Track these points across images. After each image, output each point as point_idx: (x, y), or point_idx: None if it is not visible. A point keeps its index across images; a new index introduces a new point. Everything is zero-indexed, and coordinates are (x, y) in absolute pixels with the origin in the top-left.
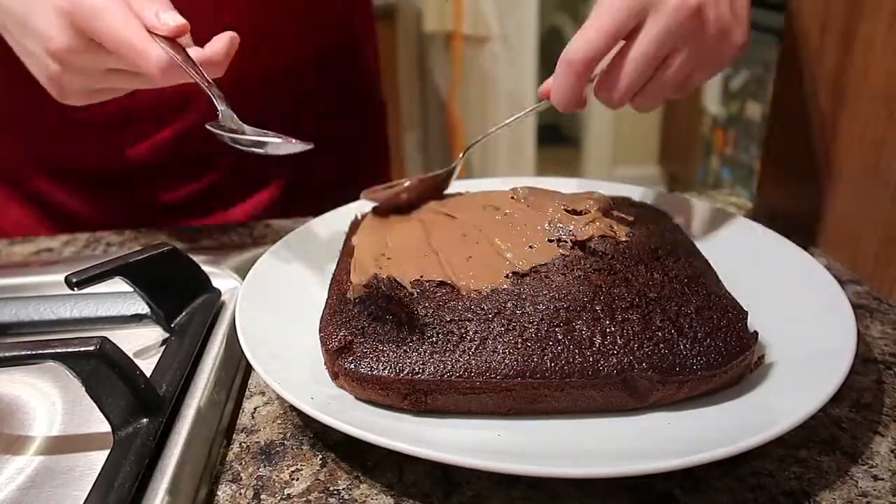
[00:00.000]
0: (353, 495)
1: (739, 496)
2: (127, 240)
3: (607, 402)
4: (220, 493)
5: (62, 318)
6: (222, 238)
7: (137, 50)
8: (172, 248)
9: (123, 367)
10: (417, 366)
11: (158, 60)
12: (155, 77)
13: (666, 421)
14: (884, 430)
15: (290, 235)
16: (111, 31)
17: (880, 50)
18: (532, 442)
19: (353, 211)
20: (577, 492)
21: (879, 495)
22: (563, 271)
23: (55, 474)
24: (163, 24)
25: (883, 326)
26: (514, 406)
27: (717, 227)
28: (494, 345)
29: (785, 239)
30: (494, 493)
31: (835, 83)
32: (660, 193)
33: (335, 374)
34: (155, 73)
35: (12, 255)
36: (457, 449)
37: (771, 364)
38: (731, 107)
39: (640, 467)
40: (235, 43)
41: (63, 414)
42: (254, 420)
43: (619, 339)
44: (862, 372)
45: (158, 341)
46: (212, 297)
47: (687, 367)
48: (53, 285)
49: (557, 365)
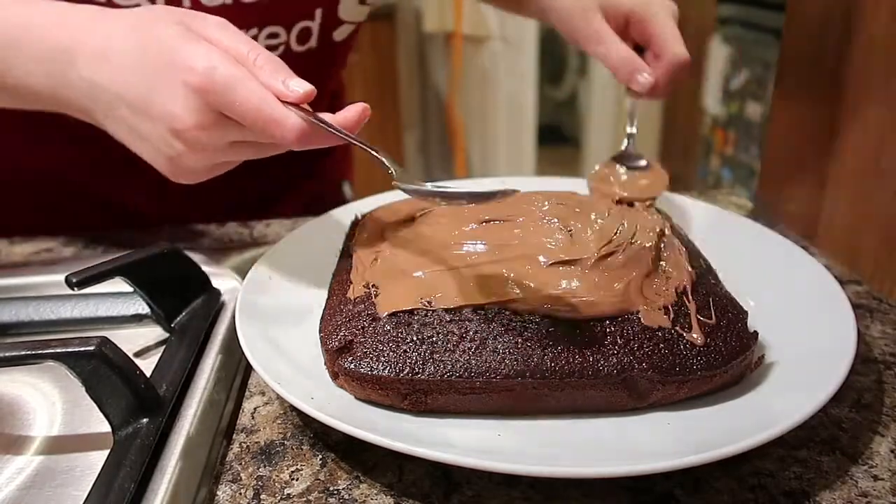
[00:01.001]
0: (353, 495)
1: (739, 496)
2: (127, 240)
3: (607, 402)
4: (220, 493)
5: (62, 318)
6: (222, 238)
7: (275, 119)
8: (172, 248)
9: (123, 367)
10: (417, 366)
11: (294, 127)
12: (292, 143)
13: (666, 421)
14: (884, 430)
15: (290, 235)
16: (246, 105)
17: (880, 50)
18: (532, 442)
19: (353, 211)
20: (577, 492)
21: (879, 495)
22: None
23: (55, 474)
24: (292, 91)
25: (883, 326)
26: (514, 406)
27: (717, 227)
28: (494, 345)
29: (785, 239)
30: (494, 493)
31: (835, 83)
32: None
33: (335, 374)
34: (292, 140)
35: (12, 255)
36: (457, 449)
37: (771, 364)
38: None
39: (640, 467)
40: (367, 114)
41: (63, 414)
42: (254, 420)
43: (619, 339)
44: (862, 372)
45: (158, 341)
46: (212, 297)
47: (687, 367)
48: (53, 285)
49: (557, 365)
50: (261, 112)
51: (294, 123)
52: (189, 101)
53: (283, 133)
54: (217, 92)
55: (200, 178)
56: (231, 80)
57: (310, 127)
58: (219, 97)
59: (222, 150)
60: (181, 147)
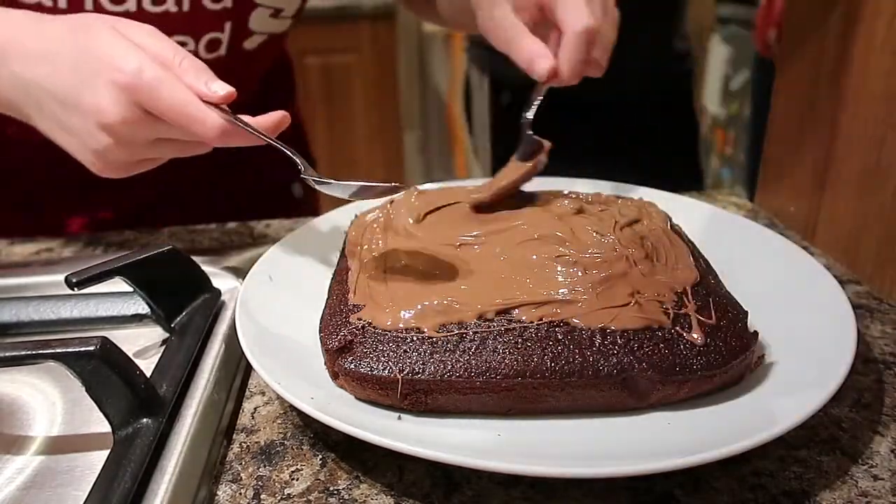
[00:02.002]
0: (353, 495)
1: (739, 496)
2: (127, 240)
3: (607, 402)
4: (220, 493)
5: (62, 318)
6: (222, 238)
7: (196, 118)
8: (172, 248)
9: (123, 367)
10: (417, 366)
11: (214, 124)
12: (213, 140)
13: (666, 421)
14: (884, 430)
15: (290, 235)
16: (170, 103)
17: (880, 50)
18: (532, 442)
19: (353, 211)
20: (577, 492)
21: (879, 495)
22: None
23: (55, 474)
24: (213, 92)
25: (883, 326)
26: (514, 406)
27: (717, 227)
28: (494, 345)
29: (785, 239)
30: (494, 493)
31: (835, 83)
32: (660, 193)
33: (335, 374)
34: (212, 137)
35: (12, 255)
36: (457, 449)
37: (771, 364)
38: (731, 107)
39: (640, 467)
40: (286, 121)
41: (63, 414)
42: (254, 420)
43: (619, 339)
44: (862, 372)
45: (158, 341)
46: (212, 297)
47: (687, 367)
48: (53, 285)
49: (557, 365)
50: (184, 110)
51: (214, 121)
52: (117, 98)
53: (203, 130)
54: (143, 90)
55: (125, 173)
56: (157, 80)
57: (229, 126)
58: (145, 95)
59: (146, 146)
60: (107, 140)
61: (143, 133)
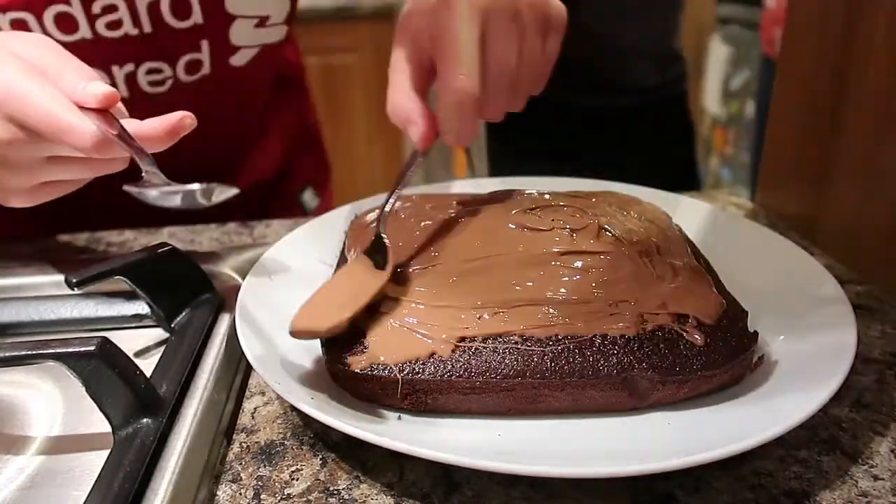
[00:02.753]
0: (353, 495)
1: (739, 496)
2: (127, 240)
3: (607, 402)
4: (220, 493)
5: (62, 318)
6: (222, 238)
7: (65, 127)
8: (172, 248)
9: (123, 367)
10: (417, 366)
11: (87, 134)
12: (89, 151)
13: (666, 421)
14: (884, 430)
15: (290, 235)
16: (38, 112)
17: (880, 48)
18: (532, 442)
19: (353, 211)
20: (577, 492)
21: (879, 495)
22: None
23: (55, 474)
24: (90, 95)
25: (883, 326)
26: (514, 406)
27: (717, 227)
28: (494, 345)
29: (785, 239)
30: (494, 493)
31: (835, 82)
32: (660, 193)
33: (335, 374)
34: (87, 148)
35: (12, 255)
36: (457, 449)
37: (771, 364)
38: (731, 107)
39: (640, 467)
40: (185, 124)
41: (63, 414)
42: (254, 420)
43: (619, 339)
44: (862, 372)
45: (158, 341)
46: (212, 297)
47: (687, 367)
48: (53, 285)
49: (557, 365)
50: (52, 119)
51: (87, 130)
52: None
53: (77, 140)
54: (12, 103)
55: (29, 201)
56: (26, 90)
57: (104, 136)
58: (13, 108)
59: (40, 167)
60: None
61: (27, 153)
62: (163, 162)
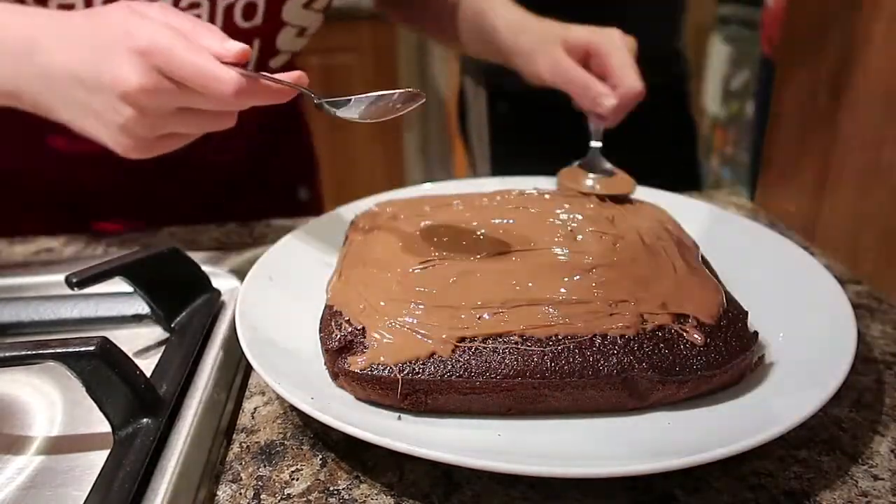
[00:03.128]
0: (353, 495)
1: (739, 496)
2: (127, 240)
3: (607, 402)
4: (220, 493)
5: (62, 318)
6: (222, 238)
7: (213, 74)
8: (172, 248)
9: (123, 367)
10: (417, 366)
11: (233, 81)
12: (231, 96)
13: (666, 421)
14: (884, 430)
15: (290, 235)
16: (186, 62)
17: (880, 49)
18: (532, 442)
19: (352, 211)
20: (577, 492)
21: (879, 495)
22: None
23: (55, 474)
24: (228, 49)
25: (883, 326)
26: (514, 406)
27: (717, 227)
28: (494, 345)
29: (785, 239)
30: (494, 493)
31: (835, 83)
32: (660, 193)
33: (335, 374)
34: (231, 93)
35: (12, 255)
36: (457, 449)
37: (771, 364)
38: (731, 107)
39: (640, 467)
40: (304, 81)
41: (63, 414)
42: (254, 420)
43: (619, 339)
44: (862, 372)
45: (158, 341)
46: (212, 297)
47: (687, 367)
48: (53, 285)
49: (557, 365)
50: (200, 68)
51: (232, 77)
52: (134, 64)
53: (221, 87)
54: (159, 53)
55: (152, 152)
56: (172, 43)
57: (247, 82)
58: (161, 58)
59: (170, 117)
60: (130, 112)
61: (164, 101)
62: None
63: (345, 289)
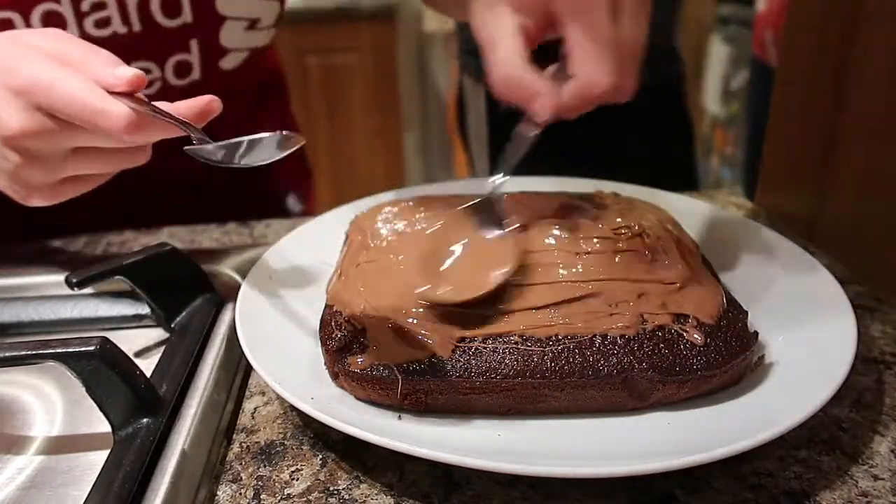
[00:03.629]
0: (353, 495)
1: (739, 496)
2: (127, 240)
3: (607, 402)
4: (220, 493)
5: (62, 318)
6: (222, 238)
7: (97, 109)
8: (172, 248)
9: (123, 367)
10: (417, 366)
11: (122, 116)
12: (122, 133)
13: (666, 421)
14: (884, 430)
15: (290, 235)
16: (68, 98)
17: (880, 49)
18: (532, 442)
19: (352, 211)
20: (577, 492)
21: (879, 495)
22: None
23: (55, 474)
24: (118, 78)
25: (883, 326)
26: (514, 406)
27: (717, 227)
28: (494, 345)
29: (785, 239)
30: (494, 493)
31: (835, 83)
32: (659, 193)
33: (335, 374)
34: (121, 129)
35: (12, 255)
36: (457, 449)
37: (771, 364)
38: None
39: (640, 467)
40: (213, 107)
41: (63, 414)
42: (254, 420)
43: (619, 339)
44: (862, 372)
45: (158, 341)
46: (212, 297)
47: (687, 367)
48: (53, 285)
49: (557, 365)
50: (84, 104)
51: (121, 111)
52: (14, 106)
53: (109, 122)
54: (39, 90)
55: (57, 197)
56: (54, 77)
57: (139, 116)
58: (42, 96)
59: (63, 161)
60: (16, 158)
61: (53, 142)
62: (152, 168)
63: (345, 289)
